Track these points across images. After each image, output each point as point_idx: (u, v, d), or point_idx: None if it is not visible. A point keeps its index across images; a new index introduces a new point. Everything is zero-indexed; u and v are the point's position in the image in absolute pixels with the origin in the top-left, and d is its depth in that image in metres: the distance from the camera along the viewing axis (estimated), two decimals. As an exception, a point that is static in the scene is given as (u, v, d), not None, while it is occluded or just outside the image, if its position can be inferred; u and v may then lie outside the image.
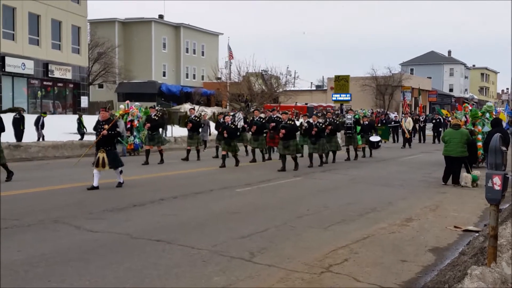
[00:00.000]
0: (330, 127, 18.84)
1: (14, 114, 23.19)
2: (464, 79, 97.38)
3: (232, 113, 22.83)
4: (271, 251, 7.14)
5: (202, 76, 65.67)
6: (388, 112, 47.74)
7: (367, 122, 22.77)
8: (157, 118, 18.96)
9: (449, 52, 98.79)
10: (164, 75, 61.87)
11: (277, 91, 50.49)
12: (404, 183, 14.19)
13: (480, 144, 16.93)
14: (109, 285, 5.65)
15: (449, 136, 13.79)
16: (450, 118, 35.41)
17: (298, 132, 17.80)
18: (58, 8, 38.99)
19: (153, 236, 7.61)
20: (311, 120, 18.38)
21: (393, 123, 34.97)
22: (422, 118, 35.51)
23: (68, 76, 40.51)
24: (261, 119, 19.56)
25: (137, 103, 23.67)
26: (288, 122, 16.83)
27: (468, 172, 13.92)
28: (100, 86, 56.76)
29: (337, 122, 20.51)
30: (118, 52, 57.20)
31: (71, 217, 8.95)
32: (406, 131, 29.01)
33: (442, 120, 33.87)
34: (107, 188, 12.10)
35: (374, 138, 23.55)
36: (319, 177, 15.45)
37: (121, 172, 12.46)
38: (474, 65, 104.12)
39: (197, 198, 11.24)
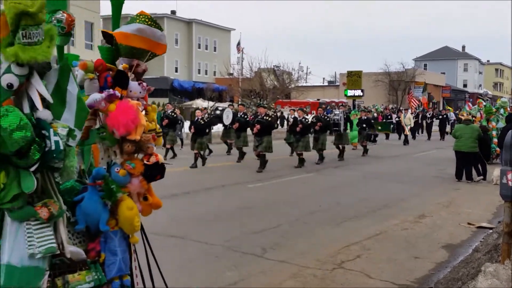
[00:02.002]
0: (320, 123, 17.41)
1: None
2: (479, 74, 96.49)
3: (220, 108, 21.53)
4: (283, 247, 7.14)
5: (214, 72, 65.72)
6: (401, 108, 47.39)
7: (365, 117, 21.71)
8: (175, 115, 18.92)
9: (463, 47, 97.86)
10: (176, 71, 62.01)
11: (289, 86, 50.40)
12: (417, 179, 14.11)
13: (495, 140, 16.82)
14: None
15: (460, 132, 13.72)
16: (459, 114, 35.22)
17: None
18: (71, 4, 39.18)
19: (166, 231, 7.64)
20: (296, 115, 17.09)
21: (396, 119, 33.17)
22: (429, 114, 34.48)
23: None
24: (245, 116, 18.47)
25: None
26: (265, 117, 15.53)
27: (484, 168, 13.87)
28: (114, 81, 57.01)
29: (328, 119, 18.65)
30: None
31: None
32: (405, 127, 27.70)
33: (448, 116, 33.55)
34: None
35: (370, 132, 22.39)
36: (331, 173, 15.41)
37: None
38: (488, 61, 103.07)
39: (209, 194, 11.27)
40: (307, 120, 17.19)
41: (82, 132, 2.65)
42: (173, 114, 19.13)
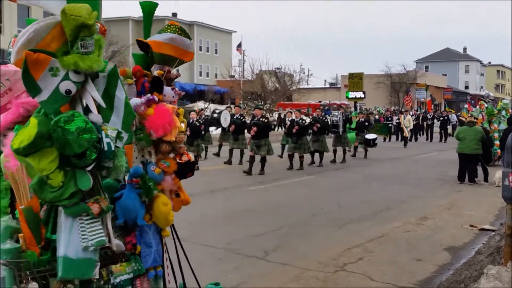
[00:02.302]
0: (317, 125, 17.03)
1: None
2: (480, 76, 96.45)
3: (218, 111, 21.10)
4: (285, 250, 7.13)
5: (216, 74, 65.77)
6: (402, 110, 47.35)
7: (362, 119, 21.09)
8: None
9: (465, 49, 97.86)
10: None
11: (291, 89, 50.43)
12: (419, 181, 14.10)
13: (497, 142, 16.80)
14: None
15: (463, 133, 13.71)
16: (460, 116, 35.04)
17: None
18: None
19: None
20: (293, 117, 16.80)
21: (397, 121, 32.56)
22: (430, 115, 34.04)
23: (83, 74, 40.82)
24: (241, 117, 17.90)
25: None
26: (261, 119, 15.12)
27: (485, 169, 13.86)
28: (115, 84, 57.09)
29: (326, 120, 18.26)
30: (132, 50, 57.55)
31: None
32: (405, 129, 27.42)
33: (449, 117, 33.34)
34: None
35: (370, 136, 21.59)
36: (333, 175, 15.40)
37: None
38: (490, 62, 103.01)
39: (211, 196, 11.26)
40: (303, 121, 16.86)
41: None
42: None
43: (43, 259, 2.53)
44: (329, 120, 18.75)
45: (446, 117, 32.98)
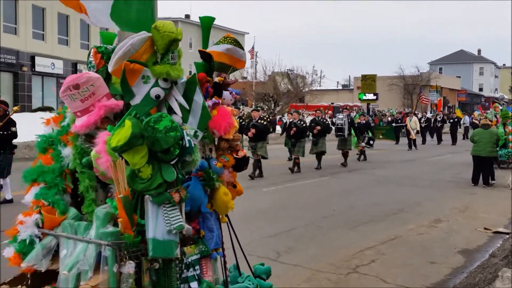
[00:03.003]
0: (318, 127, 16.68)
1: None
2: (494, 78, 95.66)
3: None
4: (297, 251, 7.11)
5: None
6: (416, 112, 46.98)
7: (363, 122, 20.74)
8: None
9: (479, 51, 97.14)
10: (190, 74, 62.22)
11: (303, 90, 50.33)
12: (432, 184, 14.00)
13: (511, 145, 16.68)
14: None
15: (478, 136, 13.59)
16: (472, 119, 34.60)
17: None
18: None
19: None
20: (292, 119, 16.40)
21: (400, 122, 31.73)
22: (440, 117, 33.13)
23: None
24: (240, 119, 16.95)
25: None
26: (259, 121, 14.78)
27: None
28: (128, 85, 57.39)
29: (327, 122, 17.84)
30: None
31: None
32: (411, 132, 26.74)
33: (458, 119, 32.85)
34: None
35: (368, 136, 20.79)
36: (345, 177, 15.34)
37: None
38: (504, 64, 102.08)
39: (223, 197, 11.25)
40: (302, 123, 16.46)
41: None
42: None
43: (136, 241, 2.88)
44: (329, 123, 18.38)
45: (456, 119, 32.41)
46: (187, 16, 62.55)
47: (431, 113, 37.66)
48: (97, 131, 3.09)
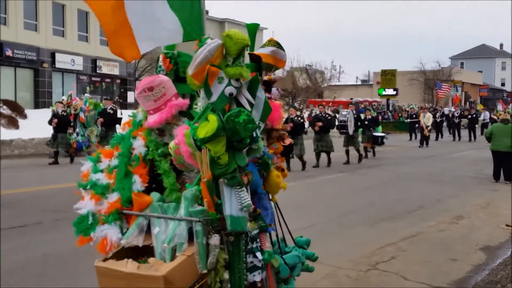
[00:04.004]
0: (320, 123, 16.02)
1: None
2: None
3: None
4: (316, 247, 7.02)
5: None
6: (437, 107, 46.39)
7: (370, 117, 19.68)
8: (112, 112, 16.63)
9: (501, 45, 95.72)
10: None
11: (322, 86, 50.14)
12: (454, 180, 13.84)
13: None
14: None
15: (497, 131, 13.43)
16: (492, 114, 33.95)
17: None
18: None
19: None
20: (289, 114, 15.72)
21: (414, 117, 31.14)
22: (457, 113, 32.12)
23: (116, 71, 41.37)
24: (300, 118, 16.74)
25: (87, 94, 20.94)
26: None
27: None
28: (147, 81, 57.70)
29: (330, 118, 17.02)
30: (163, 48, 57.97)
31: (119, 210, 9.12)
32: (425, 128, 25.78)
33: (476, 115, 32.08)
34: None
35: (377, 133, 19.90)
36: (365, 173, 15.24)
37: None
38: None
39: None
40: (300, 118, 15.88)
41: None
42: (63, 112, 17.44)
43: (216, 217, 3.36)
44: (332, 118, 17.58)
45: (474, 115, 31.53)
46: (206, 12, 62.63)
47: (452, 108, 36.97)
48: (167, 126, 3.69)
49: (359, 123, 18.36)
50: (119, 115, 16.76)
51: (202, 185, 3.40)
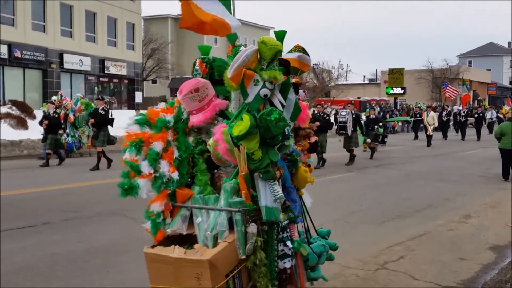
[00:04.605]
0: (317, 123, 15.10)
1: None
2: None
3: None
4: (324, 247, 7.05)
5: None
6: (447, 105, 46.11)
7: (373, 116, 19.41)
8: (103, 113, 15.84)
9: (509, 43, 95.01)
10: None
11: (329, 85, 50.03)
12: (462, 179, 13.77)
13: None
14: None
15: (505, 129, 13.37)
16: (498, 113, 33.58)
17: None
18: (113, 5, 39.98)
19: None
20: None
21: (418, 116, 30.50)
22: (464, 112, 31.55)
23: (123, 72, 41.51)
24: (326, 116, 16.89)
25: (78, 94, 20.85)
26: None
27: None
28: (154, 81, 57.86)
29: (327, 118, 16.64)
30: (171, 48, 58.10)
31: (127, 210, 9.15)
32: (428, 127, 25.33)
33: (483, 114, 31.68)
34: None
35: (379, 132, 19.29)
36: (373, 172, 15.20)
37: None
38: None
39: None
40: (325, 116, 15.75)
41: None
42: (55, 114, 16.75)
43: (253, 208, 3.72)
44: (331, 119, 17.04)
45: (480, 114, 31.16)
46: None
47: (459, 107, 36.67)
48: (207, 125, 4.03)
49: (357, 125, 17.85)
50: (111, 116, 16.45)
51: (240, 178, 3.73)
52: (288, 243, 3.98)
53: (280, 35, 4.23)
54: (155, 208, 3.92)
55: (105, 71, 39.55)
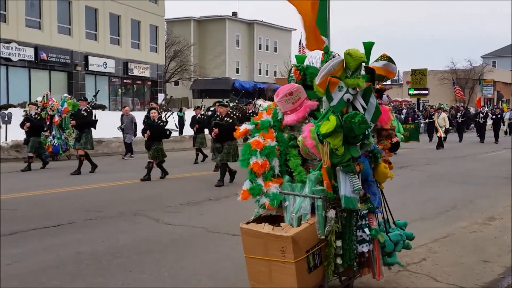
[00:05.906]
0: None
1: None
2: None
3: (212, 109, 18.26)
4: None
5: (275, 72, 65.88)
6: (468, 107, 45.53)
7: None
8: (86, 114, 14.86)
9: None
10: (237, 72, 62.61)
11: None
12: (486, 181, 13.60)
13: None
14: (187, 276, 5.80)
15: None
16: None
17: None
18: (137, 8, 40.39)
19: (229, 231, 7.71)
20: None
21: (427, 119, 29.98)
22: (483, 113, 30.09)
23: (146, 74, 41.92)
24: (202, 116, 16.93)
25: (65, 95, 20.14)
26: (225, 118, 12.26)
27: None
28: (176, 83, 58.30)
29: None
30: (193, 50, 58.47)
31: (149, 210, 9.26)
32: (439, 129, 24.68)
33: (502, 115, 30.73)
34: (183, 181, 12.40)
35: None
36: (396, 173, 14.95)
37: None
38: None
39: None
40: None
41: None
42: (36, 116, 15.79)
43: (333, 197, 4.39)
44: None
45: (499, 115, 30.26)
46: (234, 14, 62.88)
47: (486, 107, 36.01)
48: (299, 123, 4.72)
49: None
50: (95, 117, 15.45)
51: (323, 170, 4.38)
52: (366, 230, 4.55)
53: (368, 46, 4.66)
54: (272, 190, 4.72)
55: (129, 73, 39.99)
